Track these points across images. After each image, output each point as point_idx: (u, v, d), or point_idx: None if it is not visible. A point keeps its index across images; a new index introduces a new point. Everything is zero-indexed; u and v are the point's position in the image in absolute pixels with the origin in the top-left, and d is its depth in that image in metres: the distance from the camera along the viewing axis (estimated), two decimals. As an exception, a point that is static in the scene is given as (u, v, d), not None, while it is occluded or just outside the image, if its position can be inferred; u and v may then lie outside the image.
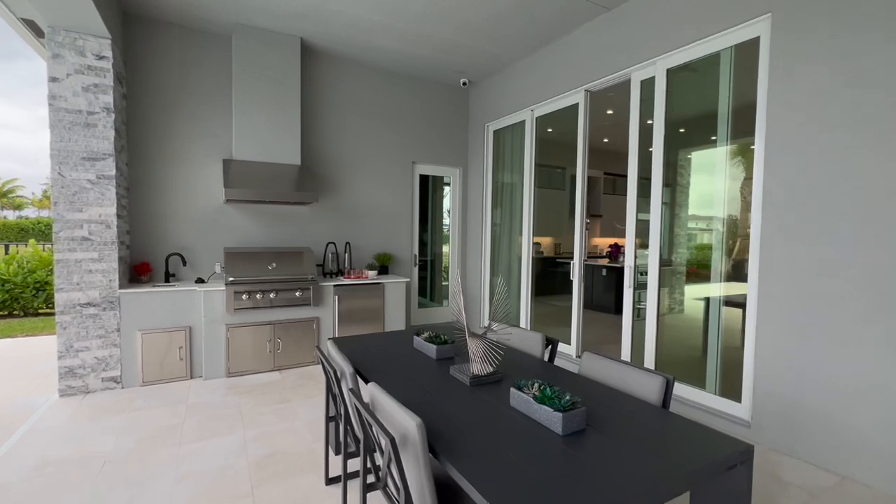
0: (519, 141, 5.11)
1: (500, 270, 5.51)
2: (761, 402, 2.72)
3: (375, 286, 4.61)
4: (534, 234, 4.93)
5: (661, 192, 3.45)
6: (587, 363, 2.13)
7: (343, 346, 2.51)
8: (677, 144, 3.45)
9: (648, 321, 3.53)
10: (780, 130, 2.63)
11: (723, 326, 3.12)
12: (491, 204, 5.57)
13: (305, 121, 4.74)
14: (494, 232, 5.58)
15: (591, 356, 2.13)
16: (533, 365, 2.24)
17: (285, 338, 4.13)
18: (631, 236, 3.74)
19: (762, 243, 2.72)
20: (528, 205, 4.92)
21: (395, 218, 5.38)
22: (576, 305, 4.28)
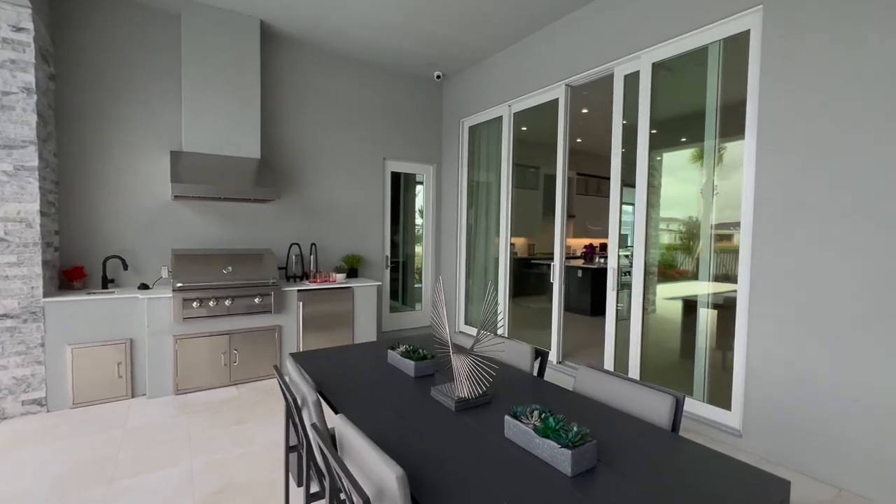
0: (495, 138, 4.90)
1: (476, 272, 5.29)
2: (753, 409, 2.61)
3: (344, 290, 4.27)
4: (513, 235, 4.74)
5: (647, 192, 3.31)
6: (583, 378, 1.91)
7: (306, 362, 2.20)
8: (661, 143, 3.32)
9: (633, 325, 3.39)
10: (773, 128, 2.52)
11: (710, 331, 3.01)
12: (466, 203, 5.34)
13: (266, 111, 4.35)
14: (470, 232, 5.35)
15: (587, 371, 1.92)
16: (522, 381, 2.01)
17: (243, 349, 3.75)
18: (614, 237, 3.59)
19: (754, 245, 2.60)
20: (505, 204, 4.72)
21: (365, 217, 5.06)
22: (556, 309, 4.11)
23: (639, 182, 3.34)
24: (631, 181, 3.49)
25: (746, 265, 2.69)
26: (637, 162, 3.35)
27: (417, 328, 5.57)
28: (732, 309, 2.87)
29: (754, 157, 2.62)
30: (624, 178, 3.54)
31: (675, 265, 3.30)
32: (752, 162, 2.65)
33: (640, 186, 3.33)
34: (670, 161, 3.42)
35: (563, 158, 4.05)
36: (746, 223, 2.69)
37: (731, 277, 2.84)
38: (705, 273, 3.04)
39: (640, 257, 3.34)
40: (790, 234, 2.45)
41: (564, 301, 6.39)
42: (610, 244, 3.62)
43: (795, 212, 2.43)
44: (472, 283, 5.35)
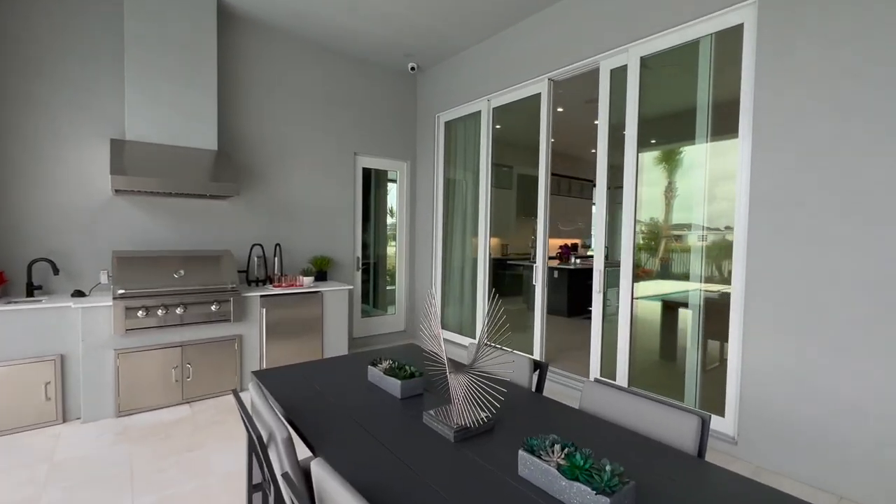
0: (473, 134, 4.70)
1: (453, 273, 5.07)
2: (749, 415, 2.52)
3: (312, 295, 3.94)
4: (490, 235, 4.55)
5: (636, 192, 3.19)
6: (590, 395, 1.72)
7: (272, 383, 1.90)
8: (648, 142, 3.21)
9: (621, 329, 3.26)
10: (770, 125, 2.43)
11: (700, 334, 2.91)
12: (443, 202, 5.10)
13: (225, 99, 3.96)
14: (446, 232, 5.12)
15: (594, 386, 1.73)
16: (521, 399, 1.80)
17: (198, 362, 3.35)
18: (600, 238, 3.45)
19: (750, 246, 2.51)
20: (484, 204, 4.53)
21: (335, 216, 4.73)
22: (539, 312, 3.95)
23: (627, 181, 3.22)
24: (612, 182, 3.38)
25: (741, 266, 2.60)
26: (625, 160, 3.23)
27: (391, 333, 5.28)
28: (724, 311, 2.79)
29: (749, 156, 2.53)
30: (601, 178, 3.42)
31: (666, 266, 3.20)
32: (746, 161, 2.57)
33: (629, 185, 3.21)
34: (652, 160, 3.32)
35: (545, 156, 3.90)
36: (741, 223, 2.60)
37: (725, 279, 2.75)
38: (696, 274, 2.95)
39: (628, 259, 3.22)
40: (788, 234, 2.37)
41: (527, 299, 6.22)
42: (595, 245, 3.49)
43: (793, 211, 2.35)
44: (448, 284, 5.12)
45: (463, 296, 4.94)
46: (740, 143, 2.61)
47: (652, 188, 3.19)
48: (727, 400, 2.68)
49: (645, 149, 3.18)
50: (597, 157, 3.46)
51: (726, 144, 2.78)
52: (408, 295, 5.39)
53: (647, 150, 3.18)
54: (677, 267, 3.11)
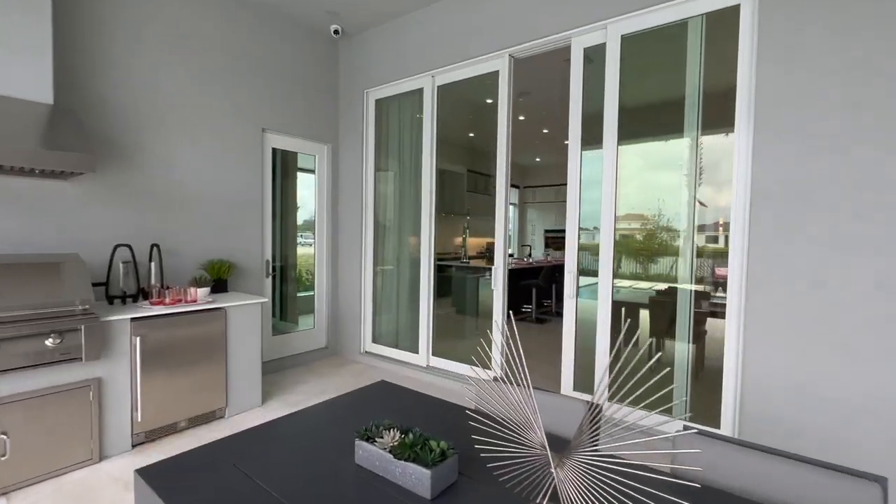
0: (412, 115, 4.05)
1: (387, 277, 4.36)
2: (750, 425, 2.33)
3: (210, 314, 2.91)
4: (436, 234, 3.96)
5: (616, 189, 2.87)
6: (688, 449, 1.25)
7: (172, 489, 1.06)
8: (628, 134, 2.92)
9: (600, 337, 2.93)
10: (772, 116, 2.26)
11: (690, 338, 2.70)
12: (374, 194, 4.35)
13: (70, 32, 2.72)
14: (378, 229, 4.38)
15: (693, 438, 1.26)
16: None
17: (23, 430, 2.16)
18: (572, 234, 3.09)
19: (751, 245, 2.33)
20: (428, 197, 3.91)
21: (238, 208, 3.68)
22: (499, 322, 3.47)
23: (606, 173, 2.89)
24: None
25: (739, 267, 2.41)
26: (604, 151, 2.90)
27: (311, 353, 4.36)
28: (718, 314, 2.60)
29: (750, 150, 2.35)
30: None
31: (646, 268, 2.96)
32: (745, 155, 2.38)
33: (608, 179, 2.88)
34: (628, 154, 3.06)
35: (505, 146, 3.43)
36: (738, 222, 2.42)
37: (719, 282, 2.57)
38: (685, 276, 2.73)
39: (607, 259, 2.90)
40: (793, 232, 2.21)
41: (474, 305, 5.80)
42: (567, 243, 3.12)
43: (798, 208, 2.20)
44: (382, 290, 4.39)
45: (399, 303, 4.27)
46: (737, 135, 2.42)
47: (658, 180, 2.91)
48: (723, 410, 2.49)
49: (626, 141, 2.88)
50: (568, 147, 3.09)
51: (718, 138, 2.59)
52: (330, 303, 4.52)
53: (628, 143, 2.89)
54: (660, 267, 2.89)
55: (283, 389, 3.56)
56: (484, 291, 6.11)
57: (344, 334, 4.51)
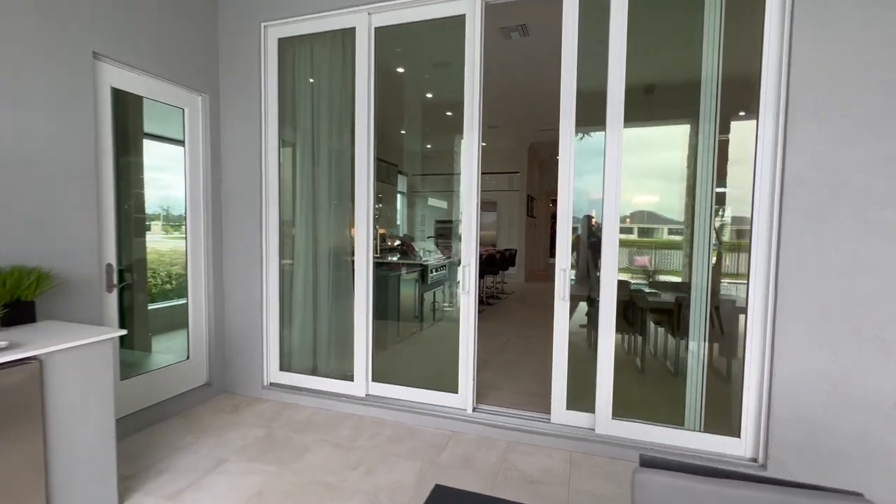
0: (334, 64, 3.05)
1: (297, 279, 3.27)
2: (781, 433, 2.15)
3: (3, 371, 1.55)
4: (376, 224, 3.05)
5: (619, 176, 2.44)
6: None
7: None
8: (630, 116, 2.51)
9: (603, 342, 2.49)
10: (808, 95, 2.06)
11: (706, 337, 2.44)
12: (277, 170, 3.19)
13: None
14: (284, 217, 3.25)
15: None
16: None
17: None
18: (565, 228, 2.58)
19: (784, 235, 2.12)
20: (364, 176, 2.98)
21: (52, 183, 2.20)
22: (467, 335, 2.79)
23: (610, 154, 2.44)
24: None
25: (764, 259, 2.20)
26: (607, 130, 2.43)
27: (184, 395, 3.01)
28: (734, 310, 2.38)
29: (782, 132, 2.13)
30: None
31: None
32: (771, 138, 2.16)
33: (613, 161, 2.44)
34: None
35: (477, 114, 2.72)
36: (764, 211, 2.20)
37: (739, 275, 2.34)
38: (698, 272, 2.45)
39: (611, 253, 2.46)
40: (827, 220, 2.05)
41: (395, 307, 5.01)
42: (559, 237, 2.59)
43: (833, 195, 2.05)
44: (292, 295, 3.28)
45: (318, 312, 3.24)
46: (762, 114, 2.19)
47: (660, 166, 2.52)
48: (744, 418, 2.28)
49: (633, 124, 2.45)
50: (560, 122, 2.55)
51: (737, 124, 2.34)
52: (212, 319, 3.21)
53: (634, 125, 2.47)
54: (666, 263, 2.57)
55: (152, 467, 2.27)
56: (405, 290, 5.33)
57: (237, 362, 3.26)
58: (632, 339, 2.91)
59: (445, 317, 5.98)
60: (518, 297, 7.67)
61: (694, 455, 2.31)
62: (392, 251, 6.22)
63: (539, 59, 5.22)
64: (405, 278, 5.34)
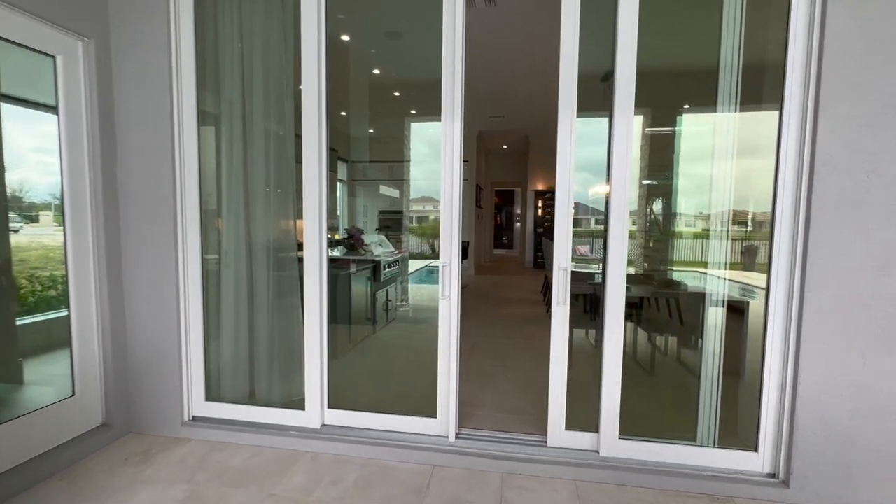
0: (270, 15, 2.40)
1: (226, 286, 2.59)
2: (804, 445, 1.95)
3: None
4: (328, 216, 2.47)
5: (631, 161, 2.09)
6: None
7: None
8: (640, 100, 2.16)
9: (608, 351, 2.16)
10: (842, 72, 1.83)
11: (722, 341, 2.19)
12: (197, 145, 2.47)
13: None
14: (206, 205, 2.55)
15: None
16: None
17: None
18: (564, 221, 2.19)
19: (812, 226, 1.89)
20: (315, 157, 2.38)
21: None
22: (451, 349, 2.32)
23: (617, 139, 2.08)
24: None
25: (787, 253, 1.98)
26: (615, 117, 2.07)
27: (69, 444, 2.24)
28: (741, 311, 2.15)
29: (812, 111, 1.89)
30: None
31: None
32: (797, 120, 1.92)
33: (622, 147, 2.08)
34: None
35: (459, 91, 2.23)
36: (787, 200, 1.97)
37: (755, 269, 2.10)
38: (715, 267, 2.18)
39: (619, 248, 2.12)
40: (861, 209, 1.86)
41: (345, 309, 4.46)
42: (558, 232, 2.20)
43: (865, 182, 1.85)
44: (219, 304, 2.60)
45: (254, 324, 2.60)
46: (788, 89, 1.94)
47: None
48: (762, 430, 2.06)
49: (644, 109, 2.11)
50: (558, 104, 2.14)
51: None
52: (105, 340, 2.43)
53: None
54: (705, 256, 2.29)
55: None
56: (355, 289, 4.76)
57: (145, 394, 2.52)
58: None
59: (399, 317, 5.47)
60: (473, 291, 7.34)
61: (710, 474, 2.05)
62: (336, 245, 5.53)
63: (503, 35, 4.82)
64: (356, 275, 4.75)
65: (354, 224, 10.60)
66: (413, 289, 6.67)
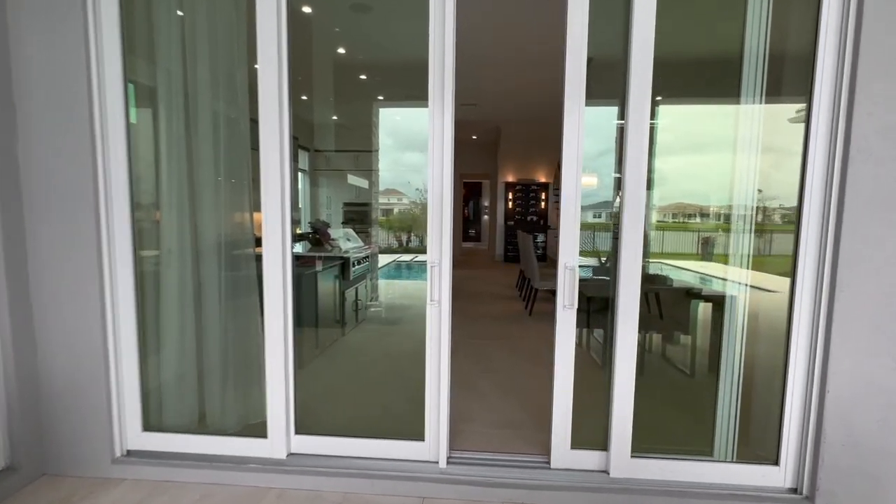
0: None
1: (166, 291, 2.15)
2: (832, 457, 1.79)
3: None
4: (291, 208, 2.08)
5: (645, 154, 1.84)
6: None
7: None
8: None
9: (621, 360, 1.91)
10: (884, 37, 1.64)
11: (743, 343, 1.99)
12: (125, 120, 2.01)
13: None
14: (138, 198, 2.10)
15: None
16: None
17: None
18: (571, 218, 1.92)
19: (845, 218, 1.71)
20: (276, 140, 1.98)
21: None
22: (441, 363, 2.01)
23: (632, 130, 1.82)
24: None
25: (815, 247, 1.79)
26: (630, 107, 1.81)
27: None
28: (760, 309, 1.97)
29: (845, 91, 1.70)
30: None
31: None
32: (830, 100, 1.73)
33: (638, 138, 1.82)
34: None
35: (451, 69, 1.90)
36: (816, 189, 1.78)
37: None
38: (737, 265, 1.98)
39: (633, 248, 1.87)
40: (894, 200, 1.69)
41: (310, 311, 4.08)
42: (563, 230, 1.92)
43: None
44: (158, 312, 2.16)
45: (202, 335, 2.19)
46: (820, 64, 1.74)
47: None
48: (784, 441, 1.88)
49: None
50: (564, 104, 1.85)
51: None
52: (7, 365, 1.94)
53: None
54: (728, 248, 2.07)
55: None
56: (322, 288, 4.37)
57: (65, 426, 2.05)
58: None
59: (370, 317, 5.09)
60: (444, 287, 7.04)
61: (728, 492, 1.87)
62: (300, 240, 5.07)
63: (479, 20, 4.50)
64: (322, 273, 4.34)
65: (318, 217, 10.02)
66: (383, 285, 6.29)
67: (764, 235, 2.00)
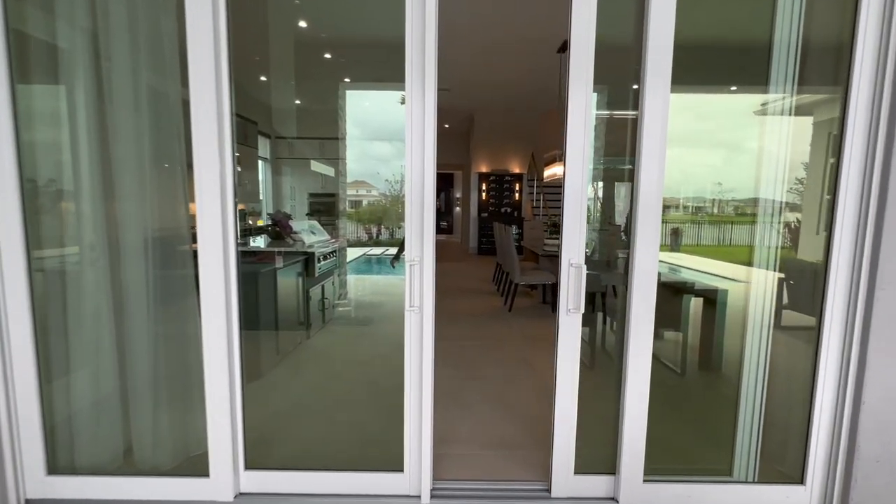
0: None
1: (77, 298, 1.72)
2: (866, 477, 1.60)
3: None
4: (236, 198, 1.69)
5: (665, 141, 1.56)
6: None
7: None
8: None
9: (632, 370, 1.65)
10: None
11: (767, 350, 1.76)
12: (10, 78, 1.55)
13: None
14: (38, 176, 1.65)
15: None
16: None
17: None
18: (576, 213, 1.62)
19: (889, 213, 1.49)
20: (209, 122, 1.58)
21: None
22: (424, 380, 1.68)
23: (649, 121, 1.53)
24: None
25: (849, 246, 1.58)
26: (646, 94, 1.52)
27: None
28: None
29: (889, 79, 1.47)
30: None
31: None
32: (871, 85, 1.50)
33: (655, 131, 1.54)
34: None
35: (432, 48, 1.56)
36: (853, 181, 1.56)
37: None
38: (763, 265, 1.74)
39: (649, 249, 1.60)
40: (940, 187, 1.48)
41: (269, 312, 3.71)
42: (566, 225, 1.62)
43: (948, 151, 1.47)
44: (66, 324, 1.72)
45: (125, 351, 1.77)
46: (858, 63, 1.50)
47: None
48: (811, 458, 1.68)
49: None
50: (567, 96, 1.54)
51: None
52: None
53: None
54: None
55: None
56: (283, 286, 3.97)
57: (-65, 478, 1.59)
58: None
59: (338, 317, 4.68)
60: (417, 282, 6.70)
61: (751, 517, 1.65)
62: (258, 233, 4.59)
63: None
64: (283, 270, 3.91)
65: (281, 209, 9.38)
66: (352, 281, 5.86)
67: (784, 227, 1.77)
